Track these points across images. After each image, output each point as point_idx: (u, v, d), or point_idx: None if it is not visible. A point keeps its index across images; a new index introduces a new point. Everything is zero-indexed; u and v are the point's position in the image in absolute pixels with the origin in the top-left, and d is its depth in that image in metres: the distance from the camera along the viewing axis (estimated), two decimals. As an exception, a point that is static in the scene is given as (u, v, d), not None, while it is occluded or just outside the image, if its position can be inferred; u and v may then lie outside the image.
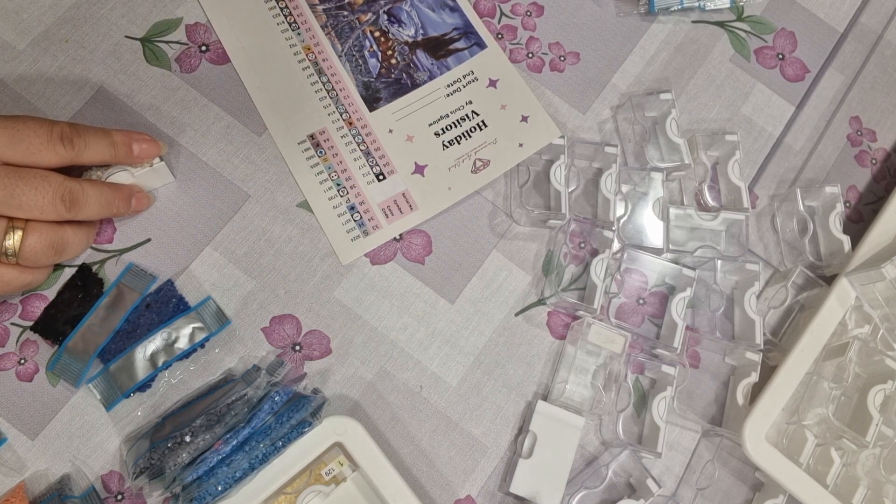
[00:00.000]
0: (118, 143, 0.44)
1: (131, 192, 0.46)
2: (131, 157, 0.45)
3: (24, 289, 0.44)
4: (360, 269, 0.50)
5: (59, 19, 0.51)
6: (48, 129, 0.41)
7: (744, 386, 0.49)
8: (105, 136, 0.44)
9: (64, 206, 0.41)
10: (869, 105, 0.59)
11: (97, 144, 0.43)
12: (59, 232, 0.42)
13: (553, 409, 0.47)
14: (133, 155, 0.45)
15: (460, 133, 0.53)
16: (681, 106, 0.56)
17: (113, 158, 0.44)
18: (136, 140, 0.45)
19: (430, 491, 0.47)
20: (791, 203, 0.54)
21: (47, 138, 0.41)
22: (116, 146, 0.44)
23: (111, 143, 0.44)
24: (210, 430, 0.42)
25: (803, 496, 0.46)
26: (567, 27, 0.56)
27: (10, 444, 0.44)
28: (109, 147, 0.44)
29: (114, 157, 0.44)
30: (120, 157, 0.45)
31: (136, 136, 0.45)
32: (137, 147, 0.45)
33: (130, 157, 0.45)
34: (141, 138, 0.45)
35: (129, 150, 0.45)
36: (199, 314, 0.47)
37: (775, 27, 0.59)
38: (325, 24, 0.54)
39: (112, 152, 0.44)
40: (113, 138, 0.44)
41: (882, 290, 0.49)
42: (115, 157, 0.44)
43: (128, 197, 0.46)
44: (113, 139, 0.44)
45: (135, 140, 0.45)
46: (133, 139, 0.45)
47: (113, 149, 0.44)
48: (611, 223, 0.50)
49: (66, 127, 0.42)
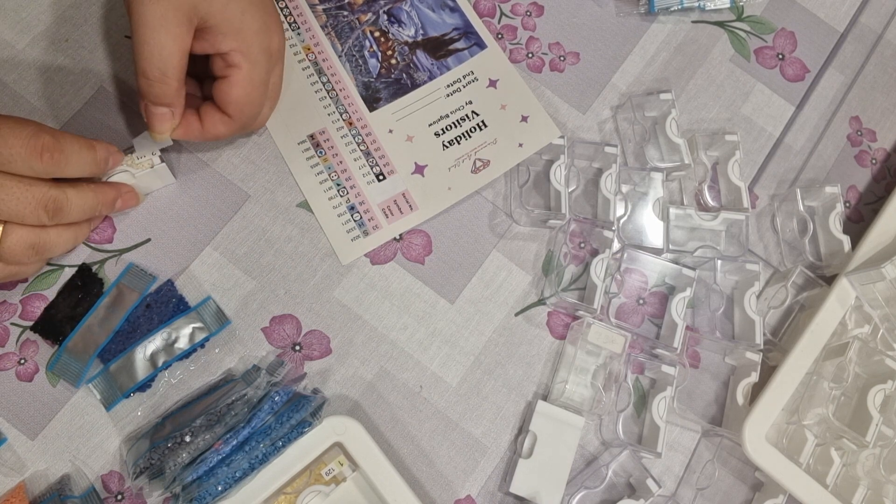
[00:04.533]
0: (100, 161, 0.43)
1: (118, 194, 0.45)
2: (105, 170, 0.44)
3: (11, 279, 0.43)
4: (360, 269, 0.50)
5: (58, 19, 0.51)
6: (27, 140, 0.38)
7: (744, 386, 0.49)
8: (89, 150, 0.42)
9: (47, 214, 0.40)
10: (869, 105, 0.59)
11: (79, 160, 0.41)
12: (40, 235, 0.41)
13: (553, 409, 0.47)
14: (106, 167, 0.44)
15: (460, 133, 0.53)
16: (681, 106, 0.56)
17: (95, 174, 0.43)
18: (114, 154, 0.44)
19: (430, 491, 0.47)
20: (791, 203, 0.54)
21: (26, 151, 0.38)
22: (98, 163, 0.43)
23: (94, 160, 0.42)
24: (210, 430, 0.42)
25: (803, 496, 0.46)
26: (567, 27, 0.56)
27: (10, 444, 0.44)
28: (92, 164, 0.42)
29: (95, 173, 0.43)
30: (100, 172, 0.44)
31: (115, 150, 0.44)
32: (113, 161, 0.44)
33: (105, 170, 0.44)
34: (118, 153, 0.44)
35: (107, 167, 0.44)
36: (199, 314, 0.47)
37: (775, 27, 0.59)
38: (325, 24, 0.54)
39: (94, 169, 0.43)
40: (97, 154, 0.42)
41: (882, 290, 0.49)
42: (96, 173, 0.43)
43: (112, 200, 0.45)
44: (96, 155, 0.42)
45: (113, 154, 0.44)
46: (112, 153, 0.44)
47: (95, 166, 0.42)
48: (611, 223, 0.50)
49: (49, 139, 0.39)
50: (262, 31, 0.43)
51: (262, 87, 0.45)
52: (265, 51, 0.44)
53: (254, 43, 0.43)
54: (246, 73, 0.43)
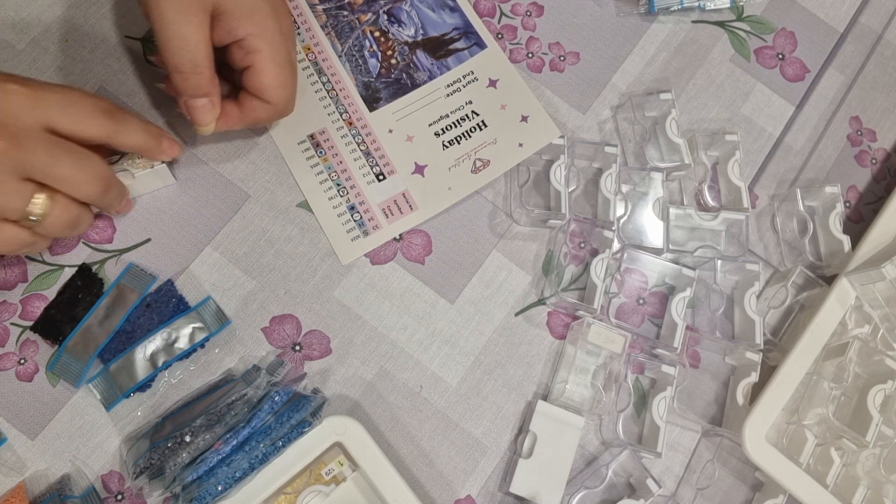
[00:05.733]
0: (153, 134, 0.44)
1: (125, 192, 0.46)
2: (159, 151, 0.45)
3: (28, 252, 0.43)
4: (360, 269, 0.50)
5: (58, 19, 0.51)
6: (95, 100, 0.41)
7: (744, 386, 0.49)
8: (144, 122, 0.44)
9: (99, 190, 0.41)
10: (869, 105, 0.59)
11: (135, 128, 0.43)
12: (81, 210, 0.42)
13: (553, 409, 0.47)
14: (161, 149, 0.45)
15: (460, 133, 0.53)
16: (681, 106, 0.56)
17: (145, 146, 0.44)
18: (167, 137, 0.45)
19: (430, 491, 0.47)
20: (791, 203, 0.54)
21: (94, 109, 0.40)
22: (151, 135, 0.44)
23: (147, 130, 0.44)
24: (210, 430, 0.42)
25: (803, 496, 0.46)
26: (567, 27, 0.56)
27: (10, 444, 0.44)
28: (145, 134, 0.43)
29: (147, 144, 0.44)
30: (151, 147, 0.44)
31: (167, 134, 0.45)
32: (167, 143, 0.45)
33: (158, 151, 0.45)
34: (171, 137, 0.46)
35: (160, 143, 0.45)
36: (199, 314, 0.47)
37: (775, 27, 0.59)
38: (324, 24, 0.54)
39: (146, 140, 0.44)
40: (149, 127, 0.44)
41: (882, 290, 0.49)
42: (147, 145, 0.44)
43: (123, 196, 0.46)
44: (149, 128, 0.44)
45: (166, 137, 0.45)
46: (164, 134, 0.45)
47: (148, 136, 0.44)
48: (611, 223, 0.50)
49: (111, 104, 0.42)
50: (272, 13, 0.44)
51: (288, 67, 0.45)
52: (279, 31, 0.44)
53: (268, 25, 0.43)
54: (268, 56, 0.43)
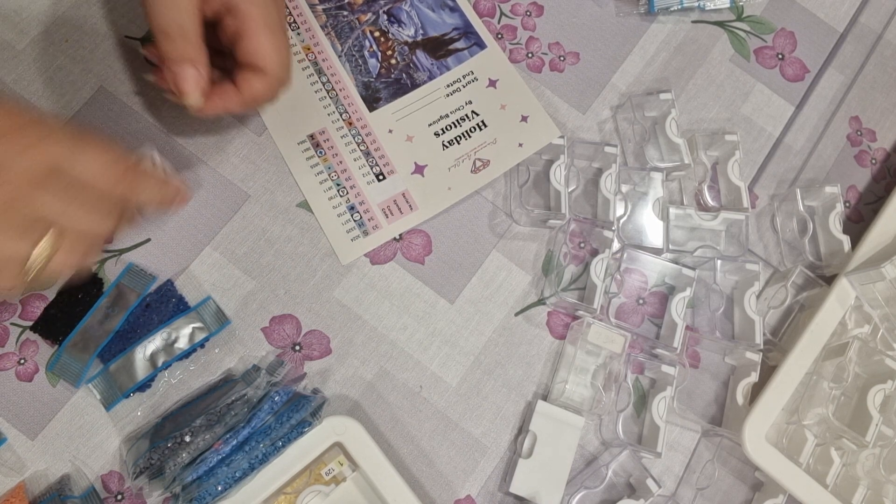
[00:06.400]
0: (171, 189, 0.42)
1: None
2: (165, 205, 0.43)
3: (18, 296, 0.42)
4: (360, 269, 0.50)
5: (58, 19, 0.51)
6: (113, 159, 0.38)
7: (744, 386, 0.49)
8: (163, 185, 0.42)
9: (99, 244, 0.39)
10: (869, 105, 0.59)
11: (151, 190, 0.41)
12: (83, 258, 0.39)
13: (553, 409, 0.47)
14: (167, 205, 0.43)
15: (460, 133, 0.53)
16: (680, 106, 0.56)
17: (164, 201, 0.42)
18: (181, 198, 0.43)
19: (430, 491, 0.47)
20: (791, 203, 0.54)
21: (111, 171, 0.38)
22: (166, 198, 0.42)
23: (164, 189, 0.42)
24: (210, 430, 0.42)
25: (803, 496, 0.46)
26: (567, 27, 0.56)
27: (10, 444, 0.44)
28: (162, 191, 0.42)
29: (164, 200, 0.42)
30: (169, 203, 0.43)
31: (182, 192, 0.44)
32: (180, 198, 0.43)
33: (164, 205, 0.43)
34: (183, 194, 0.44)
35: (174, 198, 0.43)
36: (198, 314, 0.47)
37: (775, 27, 0.59)
38: (324, 24, 0.54)
39: (164, 196, 0.42)
40: (167, 189, 0.42)
41: (882, 290, 0.49)
42: (165, 200, 0.42)
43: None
44: (166, 189, 0.42)
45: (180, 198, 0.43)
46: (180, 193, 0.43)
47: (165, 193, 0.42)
48: (611, 223, 0.50)
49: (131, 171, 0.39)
50: None
51: (281, 32, 0.43)
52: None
53: None
54: (260, 19, 0.42)
